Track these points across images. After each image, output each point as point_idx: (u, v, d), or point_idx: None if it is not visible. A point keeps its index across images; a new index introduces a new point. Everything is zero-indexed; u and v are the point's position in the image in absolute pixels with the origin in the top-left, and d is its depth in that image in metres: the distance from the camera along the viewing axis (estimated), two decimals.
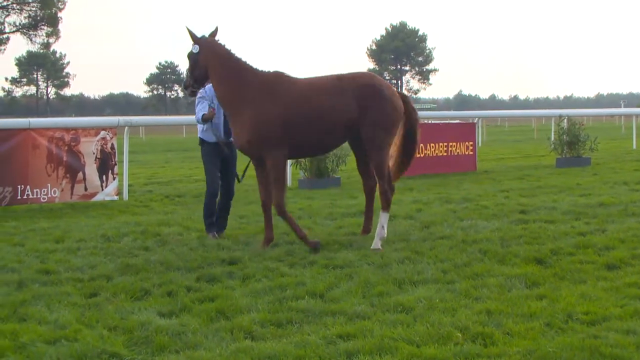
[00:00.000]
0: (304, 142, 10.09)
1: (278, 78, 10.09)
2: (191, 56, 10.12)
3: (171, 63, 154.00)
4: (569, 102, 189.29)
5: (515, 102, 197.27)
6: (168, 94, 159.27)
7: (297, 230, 9.84)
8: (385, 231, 9.99)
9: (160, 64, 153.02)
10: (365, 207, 10.88)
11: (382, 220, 9.98)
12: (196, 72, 10.12)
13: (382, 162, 10.09)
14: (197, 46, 10.03)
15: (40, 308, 7.04)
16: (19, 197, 14.35)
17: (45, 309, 7.03)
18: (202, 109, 10.70)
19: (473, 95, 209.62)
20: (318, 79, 10.41)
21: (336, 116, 9.89)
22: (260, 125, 9.73)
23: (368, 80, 10.22)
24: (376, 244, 9.68)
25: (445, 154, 20.77)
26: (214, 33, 10.29)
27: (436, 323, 6.34)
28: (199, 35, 10.14)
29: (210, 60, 9.99)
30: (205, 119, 10.64)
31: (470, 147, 21.45)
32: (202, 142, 11.10)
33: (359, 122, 9.92)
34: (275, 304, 7.11)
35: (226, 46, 10.12)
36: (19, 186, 14.33)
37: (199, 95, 10.69)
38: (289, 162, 18.14)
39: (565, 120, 22.80)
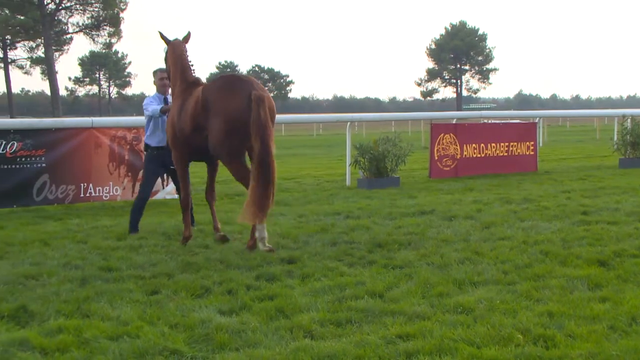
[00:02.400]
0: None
1: (193, 83, 10.42)
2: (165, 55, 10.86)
3: (231, 63, 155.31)
4: (633, 101, 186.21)
5: (577, 102, 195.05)
6: None
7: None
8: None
9: (220, 63, 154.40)
10: None
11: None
12: (166, 69, 10.91)
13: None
14: (165, 46, 10.73)
15: (103, 305, 7.13)
16: (81, 195, 14.61)
17: (108, 305, 7.12)
18: (153, 105, 11.32)
19: (534, 94, 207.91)
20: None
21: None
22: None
23: None
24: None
25: (505, 154, 20.59)
26: (186, 37, 10.79)
27: (497, 324, 6.28)
28: (171, 38, 10.77)
29: (169, 59, 10.65)
30: (163, 111, 11.13)
31: (531, 147, 21.23)
32: (147, 147, 11.55)
33: None
34: (335, 303, 7.10)
35: (186, 49, 10.57)
36: (82, 184, 14.60)
37: (150, 100, 11.42)
38: (347, 161, 18.25)
39: (629, 120, 22.41)
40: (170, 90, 11.19)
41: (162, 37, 10.56)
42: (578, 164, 24.31)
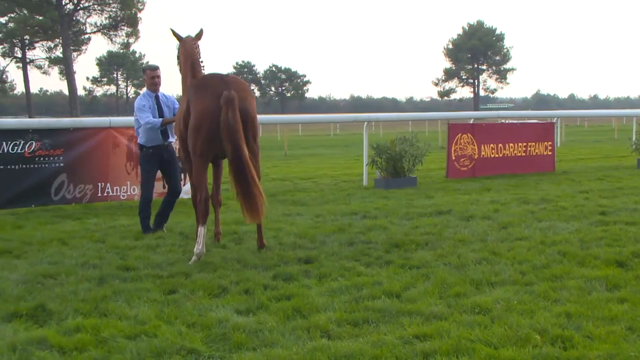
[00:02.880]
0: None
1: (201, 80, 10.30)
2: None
3: (248, 63, 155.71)
4: None
5: (595, 102, 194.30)
6: None
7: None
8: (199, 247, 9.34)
9: (237, 63, 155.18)
10: None
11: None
12: (178, 65, 10.73)
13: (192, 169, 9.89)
14: (178, 43, 10.61)
15: (120, 304, 7.15)
16: (99, 195, 14.67)
17: (126, 304, 7.14)
18: (148, 113, 11.24)
19: (551, 94, 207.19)
20: None
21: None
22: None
23: None
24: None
25: (523, 154, 20.54)
26: (198, 35, 10.60)
27: (514, 325, 6.26)
28: (184, 35, 10.62)
29: (181, 56, 10.50)
30: (164, 124, 11.23)
31: (549, 147, 21.17)
32: (141, 147, 11.55)
33: None
34: (352, 303, 7.10)
35: (197, 46, 10.40)
36: (100, 184, 14.66)
37: (142, 102, 11.31)
38: (364, 161, 18.23)
39: None
40: (160, 89, 11.46)
41: (174, 34, 10.55)
42: (596, 164, 24.22)
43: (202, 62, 10.40)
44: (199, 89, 9.56)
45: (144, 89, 11.68)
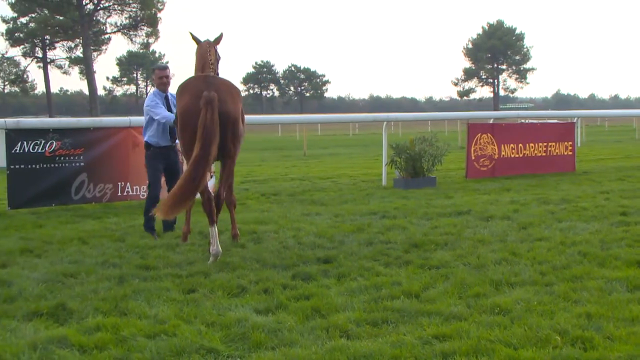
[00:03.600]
0: None
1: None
2: None
3: (267, 62, 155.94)
4: None
5: (615, 102, 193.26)
6: (264, 93, 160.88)
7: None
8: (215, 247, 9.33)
9: (256, 63, 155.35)
10: None
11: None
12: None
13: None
14: (196, 46, 10.52)
15: (140, 303, 7.18)
16: (119, 194, 14.72)
17: (145, 303, 7.16)
18: (162, 109, 11.26)
19: (572, 94, 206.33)
20: None
21: None
22: None
23: None
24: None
25: (544, 154, 20.45)
26: (217, 39, 10.50)
27: (534, 326, 6.24)
28: (202, 39, 10.49)
29: (195, 59, 10.41)
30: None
31: (569, 147, 21.07)
32: (149, 146, 11.54)
33: None
34: (371, 303, 7.09)
35: (211, 49, 10.28)
36: (119, 183, 14.72)
37: (155, 100, 11.32)
38: (383, 161, 18.22)
39: None
40: (169, 89, 11.50)
41: (193, 37, 10.56)
42: (617, 165, 24.09)
43: (213, 64, 10.34)
44: (183, 89, 9.69)
45: (154, 89, 11.69)
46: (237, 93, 9.95)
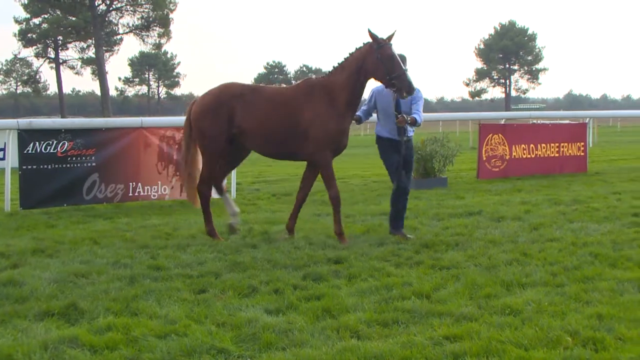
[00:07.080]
0: None
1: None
2: None
3: (279, 63, 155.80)
4: None
5: (628, 102, 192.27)
6: None
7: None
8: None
9: (268, 63, 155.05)
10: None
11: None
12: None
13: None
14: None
15: (151, 303, 7.19)
16: (130, 194, 14.74)
17: (156, 304, 7.17)
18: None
19: (584, 95, 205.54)
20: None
21: None
22: None
23: None
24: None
25: (556, 154, 20.39)
26: (389, 36, 10.43)
27: (545, 326, 6.23)
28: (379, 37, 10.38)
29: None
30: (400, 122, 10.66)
31: (581, 148, 21.01)
32: (378, 138, 11.14)
33: None
34: (382, 303, 7.09)
35: (379, 49, 10.29)
36: (131, 183, 14.73)
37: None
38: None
39: None
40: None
41: (371, 34, 10.34)
42: (629, 165, 24.02)
43: (335, 65, 10.57)
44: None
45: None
46: (199, 101, 10.83)
